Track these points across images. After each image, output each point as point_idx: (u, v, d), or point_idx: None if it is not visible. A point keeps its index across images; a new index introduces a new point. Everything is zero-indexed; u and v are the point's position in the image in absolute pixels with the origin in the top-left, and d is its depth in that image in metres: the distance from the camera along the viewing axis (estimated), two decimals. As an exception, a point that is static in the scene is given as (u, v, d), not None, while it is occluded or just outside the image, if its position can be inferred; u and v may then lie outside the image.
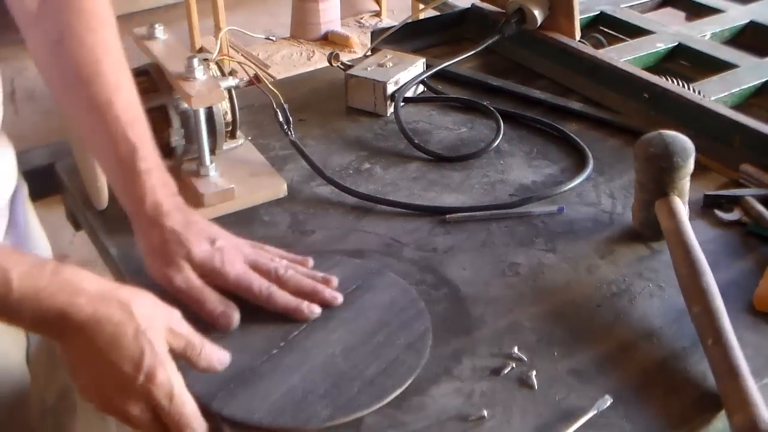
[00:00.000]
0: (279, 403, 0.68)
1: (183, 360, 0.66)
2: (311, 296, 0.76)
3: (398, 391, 0.69)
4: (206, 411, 0.67)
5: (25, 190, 0.90)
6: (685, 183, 0.85)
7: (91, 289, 0.62)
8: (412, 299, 0.78)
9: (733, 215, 0.91)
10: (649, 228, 0.88)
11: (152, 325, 0.63)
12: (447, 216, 0.91)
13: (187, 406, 0.64)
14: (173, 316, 0.66)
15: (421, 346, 0.73)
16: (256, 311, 0.76)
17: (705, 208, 0.93)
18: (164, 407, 0.63)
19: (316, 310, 0.75)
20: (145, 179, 0.76)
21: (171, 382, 0.63)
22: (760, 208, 0.90)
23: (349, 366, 0.71)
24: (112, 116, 0.76)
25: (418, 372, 0.70)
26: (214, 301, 0.74)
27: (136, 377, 0.62)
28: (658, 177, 0.84)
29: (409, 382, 0.69)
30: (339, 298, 0.77)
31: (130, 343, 0.62)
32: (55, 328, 0.62)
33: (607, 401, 0.68)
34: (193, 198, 0.90)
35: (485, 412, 0.68)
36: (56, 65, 0.78)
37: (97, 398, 0.65)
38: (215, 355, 0.68)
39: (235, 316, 0.74)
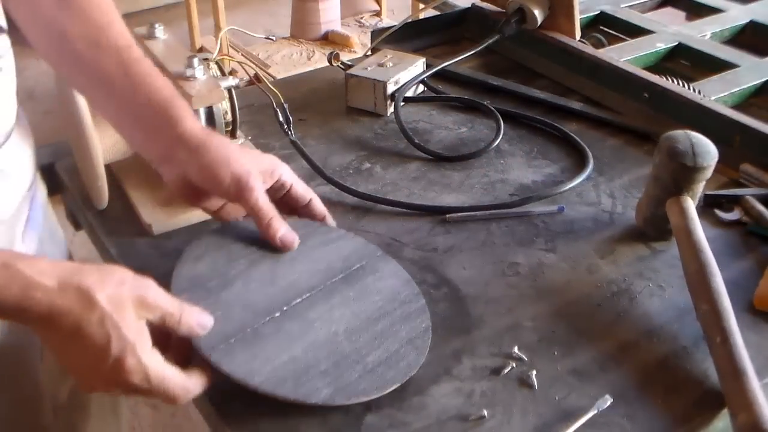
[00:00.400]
0: (281, 371, 0.67)
1: (164, 330, 0.64)
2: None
3: (396, 386, 0.69)
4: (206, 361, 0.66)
5: (42, 185, 0.90)
6: (701, 186, 0.85)
7: (46, 281, 0.59)
8: (414, 293, 0.78)
9: (733, 215, 0.91)
10: (653, 225, 0.88)
11: (118, 307, 0.61)
12: (447, 216, 0.92)
13: (169, 381, 0.63)
14: (144, 288, 0.63)
15: (422, 345, 0.73)
16: (260, 268, 0.76)
17: (705, 207, 0.93)
18: (143, 388, 0.62)
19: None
20: (186, 107, 0.76)
21: (142, 364, 0.61)
22: (760, 207, 0.90)
23: (351, 348, 0.71)
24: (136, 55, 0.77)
25: (416, 371, 0.70)
26: (279, 220, 0.76)
27: (105, 365, 0.60)
28: (678, 175, 0.84)
29: (407, 378, 0.70)
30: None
31: (94, 332, 0.60)
32: (20, 321, 0.60)
33: (608, 401, 0.68)
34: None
35: (485, 412, 0.68)
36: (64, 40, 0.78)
37: (85, 386, 0.64)
38: (195, 319, 0.66)
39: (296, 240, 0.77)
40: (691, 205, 0.84)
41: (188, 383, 0.64)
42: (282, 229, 0.76)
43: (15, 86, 0.78)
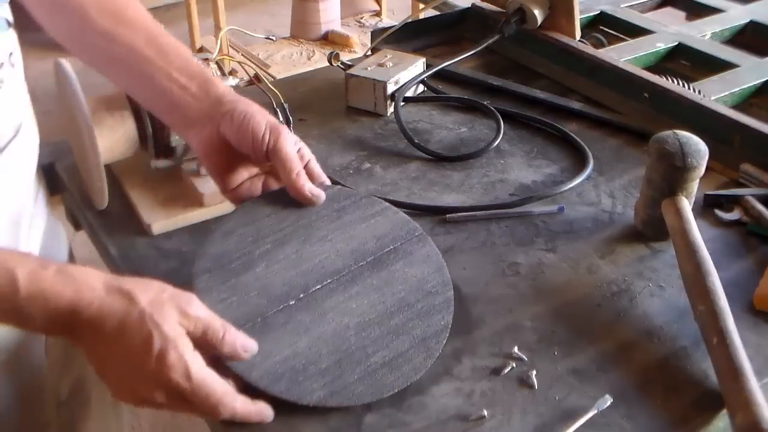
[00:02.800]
0: (279, 367, 0.67)
1: (205, 347, 0.64)
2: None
3: (396, 390, 0.68)
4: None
5: (43, 183, 0.90)
6: (695, 185, 0.85)
7: (95, 284, 0.62)
8: (443, 282, 0.76)
9: (733, 215, 0.91)
10: (651, 226, 0.88)
11: (160, 309, 0.62)
12: (447, 216, 0.91)
13: (210, 383, 0.62)
14: (186, 300, 0.64)
15: (434, 345, 0.71)
16: (286, 248, 0.75)
17: (705, 207, 0.93)
18: (185, 388, 0.61)
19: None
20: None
21: (184, 360, 0.61)
22: (760, 207, 0.90)
23: (357, 345, 0.70)
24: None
25: (422, 374, 0.70)
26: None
27: (148, 362, 0.61)
28: (670, 176, 0.84)
29: (407, 384, 0.69)
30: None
31: (136, 329, 0.61)
32: (67, 328, 0.62)
33: (608, 401, 0.68)
34: (193, 198, 0.90)
35: (485, 412, 0.68)
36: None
37: (125, 393, 0.64)
38: (240, 341, 0.66)
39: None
40: (686, 205, 0.84)
41: (229, 388, 0.64)
42: (308, 182, 0.77)
43: (24, 83, 0.79)
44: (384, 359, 0.69)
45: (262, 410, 0.65)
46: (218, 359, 0.65)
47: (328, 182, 0.80)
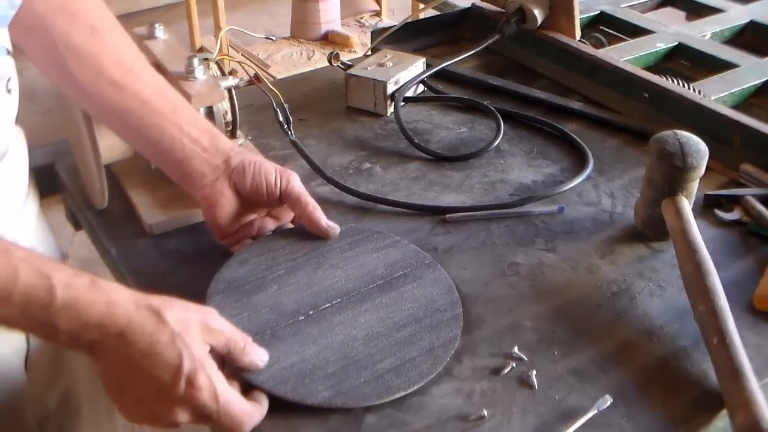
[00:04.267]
0: (286, 371, 0.68)
1: (226, 358, 0.66)
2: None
3: (402, 394, 0.68)
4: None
5: (34, 194, 0.90)
6: (695, 185, 0.85)
7: (123, 299, 0.62)
8: (452, 301, 0.77)
9: (733, 215, 0.91)
10: (651, 227, 0.88)
11: (187, 328, 0.62)
12: (447, 216, 0.91)
13: (235, 405, 0.63)
14: (209, 315, 0.65)
15: (442, 354, 0.72)
16: (298, 274, 0.78)
17: (705, 207, 0.93)
18: (212, 410, 0.62)
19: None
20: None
21: (213, 383, 0.62)
22: (760, 207, 0.90)
23: (364, 354, 0.70)
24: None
25: (429, 379, 0.70)
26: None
27: (176, 384, 0.61)
28: (670, 176, 0.84)
29: (416, 387, 0.69)
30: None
31: (166, 350, 0.61)
32: (90, 343, 0.61)
33: (608, 401, 0.68)
34: (193, 197, 0.89)
35: (485, 412, 0.68)
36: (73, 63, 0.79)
37: (141, 413, 0.63)
38: (256, 352, 0.68)
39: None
40: (686, 205, 0.84)
41: (250, 408, 0.65)
42: (324, 217, 0.82)
43: (17, 108, 0.79)
44: (391, 365, 0.70)
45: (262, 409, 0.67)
46: (222, 361, 0.66)
47: (337, 230, 0.84)
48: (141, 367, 0.61)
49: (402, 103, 1.10)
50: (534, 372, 0.71)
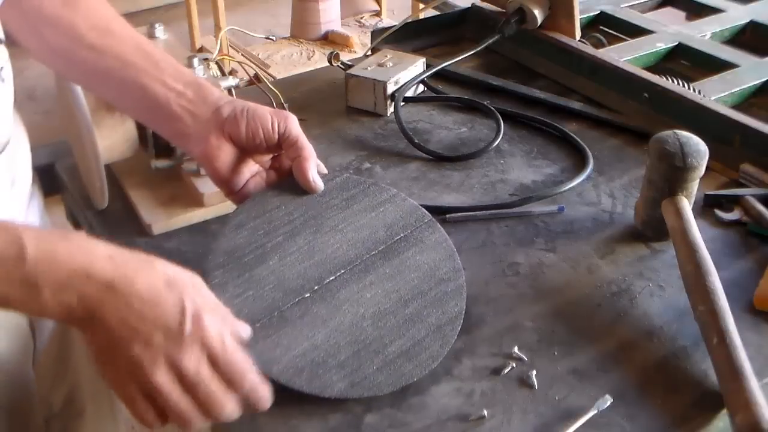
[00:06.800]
0: (299, 360, 0.68)
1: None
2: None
3: (414, 379, 0.69)
4: None
5: (38, 190, 0.90)
6: (695, 185, 0.85)
7: (105, 250, 0.59)
8: (455, 269, 0.77)
9: (733, 215, 0.91)
10: (651, 227, 0.88)
11: (180, 277, 0.61)
12: (447, 216, 0.91)
13: (237, 350, 0.62)
14: (197, 279, 0.63)
15: (450, 332, 0.72)
16: (298, 240, 0.75)
17: (705, 207, 0.93)
18: (218, 352, 0.60)
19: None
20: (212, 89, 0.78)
21: (219, 325, 0.61)
22: (760, 207, 0.90)
23: (374, 336, 0.71)
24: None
25: (439, 361, 0.70)
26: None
27: (183, 325, 0.59)
28: (670, 176, 0.84)
29: (425, 372, 0.69)
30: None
31: (166, 294, 0.59)
32: (82, 298, 0.57)
33: (608, 401, 0.68)
34: (193, 197, 0.90)
35: (485, 412, 0.68)
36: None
37: (134, 373, 0.59)
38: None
39: None
40: (686, 205, 0.84)
41: (249, 361, 0.63)
42: (315, 169, 0.78)
43: (13, 97, 0.78)
44: (401, 348, 0.70)
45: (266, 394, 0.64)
46: None
47: (324, 170, 0.81)
48: (142, 315, 0.58)
49: (402, 103, 1.10)
50: (534, 372, 0.71)
